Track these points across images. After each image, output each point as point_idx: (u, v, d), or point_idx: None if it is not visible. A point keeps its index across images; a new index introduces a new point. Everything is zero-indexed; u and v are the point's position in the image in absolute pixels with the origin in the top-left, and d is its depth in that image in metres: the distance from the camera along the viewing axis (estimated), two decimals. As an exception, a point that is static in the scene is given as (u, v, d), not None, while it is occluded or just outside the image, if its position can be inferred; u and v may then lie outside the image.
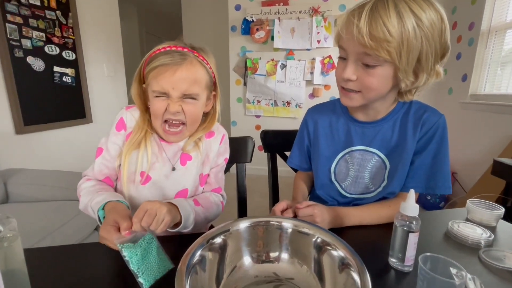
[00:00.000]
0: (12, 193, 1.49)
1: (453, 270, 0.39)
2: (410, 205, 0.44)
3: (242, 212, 0.93)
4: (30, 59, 1.80)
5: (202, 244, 0.39)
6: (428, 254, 0.39)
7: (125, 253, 0.41)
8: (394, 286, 0.43)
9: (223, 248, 0.42)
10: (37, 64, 1.85)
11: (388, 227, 0.60)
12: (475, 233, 0.55)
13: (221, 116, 0.74)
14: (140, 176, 0.64)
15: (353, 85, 0.58)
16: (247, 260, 0.44)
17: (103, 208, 0.55)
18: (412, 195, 0.44)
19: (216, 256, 0.41)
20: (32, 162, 1.79)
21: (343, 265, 0.37)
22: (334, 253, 0.40)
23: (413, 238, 0.44)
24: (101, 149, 0.67)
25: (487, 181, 1.73)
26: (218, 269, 0.40)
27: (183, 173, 0.68)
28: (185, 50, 0.60)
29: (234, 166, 0.92)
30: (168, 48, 0.60)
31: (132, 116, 0.66)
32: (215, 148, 0.73)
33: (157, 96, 0.60)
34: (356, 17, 0.51)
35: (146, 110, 0.66)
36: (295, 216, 0.57)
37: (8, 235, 0.31)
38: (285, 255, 0.45)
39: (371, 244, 0.55)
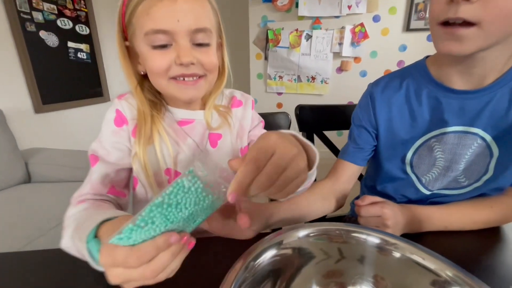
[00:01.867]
0: (34, 173, 1.47)
1: None
2: None
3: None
4: (43, 34, 1.71)
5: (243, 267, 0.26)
6: None
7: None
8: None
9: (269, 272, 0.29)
10: (51, 39, 1.77)
11: (490, 233, 0.45)
12: None
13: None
14: (166, 175, 0.50)
15: (470, 10, 0.36)
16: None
17: (95, 236, 0.32)
18: None
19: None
20: (51, 141, 1.77)
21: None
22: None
23: None
24: (95, 156, 0.48)
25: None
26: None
27: (217, 156, 0.54)
28: None
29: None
30: None
31: (130, 104, 0.50)
32: (248, 115, 0.58)
33: (155, 47, 0.42)
34: None
35: (141, 83, 0.50)
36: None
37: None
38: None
39: (472, 261, 0.40)
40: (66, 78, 1.89)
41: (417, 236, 0.44)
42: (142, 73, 0.49)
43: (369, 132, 0.58)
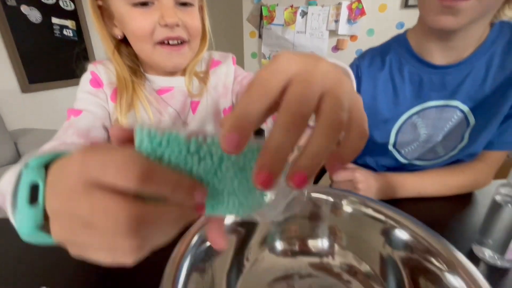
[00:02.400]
0: (24, 153, 1.46)
1: None
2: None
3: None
4: (24, 9, 1.63)
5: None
6: None
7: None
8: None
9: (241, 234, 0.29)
10: (33, 14, 1.68)
11: (458, 198, 0.46)
12: None
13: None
14: None
15: None
16: (272, 250, 0.31)
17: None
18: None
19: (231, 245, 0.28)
20: (40, 122, 1.74)
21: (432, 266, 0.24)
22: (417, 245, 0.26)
23: (527, 223, 0.29)
24: (76, 110, 0.44)
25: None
26: (232, 264, 0.28)
27: (198, 121, 0.52)
28: None
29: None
30: None
31: (107, 68, 0.47)
32: (230, 71, 0.54)
33: (135, 5, 0.39)
34: None
35: (118, 47, 0.46)
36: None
37: None
38: (332, 245, 0.32)
39: (440, 224, 0.41)
40: (52, 57, 1.82)
41: (391, 202, 0.45)
42: (119, 37, 0.45)
43: None
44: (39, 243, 0.18)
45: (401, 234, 0.28)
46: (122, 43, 0.46)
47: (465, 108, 0.47)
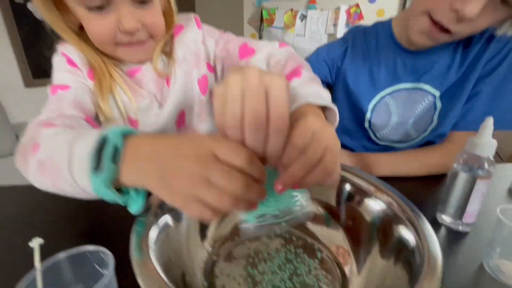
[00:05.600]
0: (24, 146, 1.49)
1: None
2: (484, 141, 0.31)
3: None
4: (31, 6, 1.68)
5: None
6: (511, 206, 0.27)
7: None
8: (445, 249, 0.32)
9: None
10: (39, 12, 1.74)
11: (431, 179, 0.48)
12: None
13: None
14: (129, 123, 0.48)
15: (460, 27, 0.40)
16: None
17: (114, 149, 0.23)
18: (488, 125, 0.31)
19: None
20: (42, 116, 1.77)
21: (385, 216, 0.26)
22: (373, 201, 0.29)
23: (481, 187, 0.31)
24: (62, 86, 0.42)
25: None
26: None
27: (173, 93, 0.49)
28: None
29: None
30: None
31: (74, 51, 0.44)
32: (196, 37, 0.50)
33: (91, 9, 0.36)
34: None
35: (80, 34, 0.43)
36: None
37: None
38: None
39: (410, 198, 0.43)
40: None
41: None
42: (77, 25, 0.42)
43: (329, 70, 0.59)
44: (105, 196, 0.23)
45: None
46: (83, 30, 0.42)
47: (436, 93, 0.50)
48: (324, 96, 0.33)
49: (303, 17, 2.40)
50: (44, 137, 0.29)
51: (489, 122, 0.30)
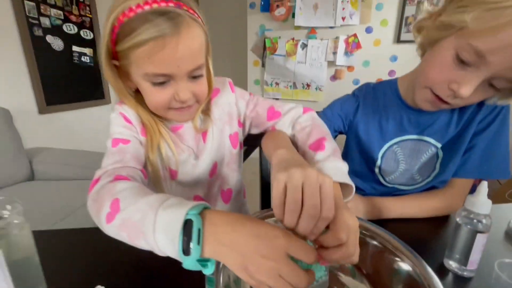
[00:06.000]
0: (37, 171, 1.53)
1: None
2: (480, 200, 0.36)
3: (266, 199, 0.88)
4: (49, 38, 1.79)
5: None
6: (507, 260, 0.32)
7: None
8: (453, 292, 0.37)
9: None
10: (56, 43, 1.84)
11: (436, 220, 0.53)
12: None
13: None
14: (167, 171, 0.55)
15: (457, 100, 0.46)
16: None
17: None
18: (484, 188, 0.37)
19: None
20: (55, 141, 1.82)
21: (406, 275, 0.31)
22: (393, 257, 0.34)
23: (481, 240, 0.37)
24: (123, 139, 0.48)
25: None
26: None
27: (208, 148, 0.57)
28: (171, 4, 0.40)
29: (256, 149, 0.86)
30: (146, 7, 0.39)
31: (130, 111, 0.51)
32: (231, 99, 0.58)
33: (155, 84, 0.44)
34: None
35: (136, 97, 0.51)
36: None
37: (15, 221, 0.27)
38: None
39: (418, 241, 0.48)
40: (70, 81, 1.96)
41: (377, 222, 0.52)
42: (134, 89, 0.50)
43: (342, 122, 0.66)
44: (191, 268, 0.28)
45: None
46: (138, 92, 0.50)
47: (438, 144, 0.58)
48: (344, 171, 0.39)
49: (304, 45, 2.54)
50: (121, 192, 0.35)
51: (484, 185, 0.36)
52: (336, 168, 0.39)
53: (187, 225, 0.28)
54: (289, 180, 0.28)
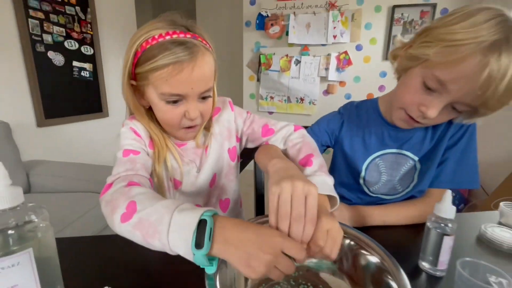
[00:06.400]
0: (34, 184, 1.54)
1: (492, 277, 0.37)
2: (446, 207, 0.42)
3: (260, 210, 0.92)
4: (50, 54, 1.85)
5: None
6: (468, 259, 0.37)
7: None
8: (426, 290, 0.41)
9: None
10: (57, 58, 1.90)
11: (414, 227, 0.58)
12: None
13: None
14: (170, 182, 0.60)
15: (423, 119, 0.53)
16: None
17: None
18: (448, 195, 0.42)
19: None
20: (52, 154, 1.85)
21: (377, 269, 0.36)
22: (368, 256, 0.38)
23: (448, 242, 0.41)
24: (134, 151, 0.52)
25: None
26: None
27: (209, 161, 0.62)
28: (188, 36, 0.47)
29: (251, 162, 0.91)
30: (167, 37, 0.45)
31: (142, 125, 0.56)
32: (230, 117, 0.64)
33: (168, 102, 0.49)
34: (496, 53, 0.40)
35: (147, 113, 0.56)
36: None
37: (41, 225, 0.31)
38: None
39: (397, 245, 0.53)
40: (69, 95, 2.00)
41: (362, 229, 0.57)
42: (146, 106, 0.55)
43: (329, 137, 0.72)
44: (200, 263, 0.32)
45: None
46: (150, 110, 0.56)
47: (415, 157, 0.64)
48: (329, 184, 0.45)
49: (297, 62, 2.65)
50: (137, 195, 0.39)
51: (448, 193, 0.41)
52: (322, 182, 0.45)
53: (201, 224, 0.32)
54: (281, 193, 0.34)
